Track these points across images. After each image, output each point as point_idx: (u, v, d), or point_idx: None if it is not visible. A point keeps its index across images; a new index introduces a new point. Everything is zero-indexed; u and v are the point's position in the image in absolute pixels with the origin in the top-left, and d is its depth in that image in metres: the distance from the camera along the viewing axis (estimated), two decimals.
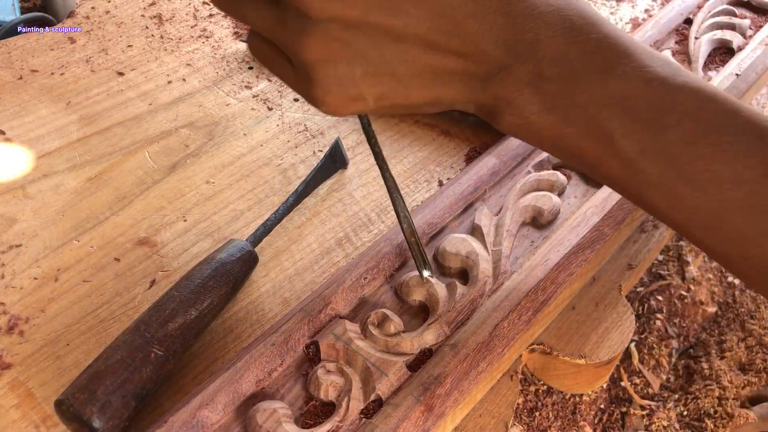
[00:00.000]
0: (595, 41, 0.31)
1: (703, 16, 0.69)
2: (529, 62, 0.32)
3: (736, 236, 0.32)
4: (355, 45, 0.32)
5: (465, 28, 0.31)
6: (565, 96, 0.32)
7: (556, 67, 0.31)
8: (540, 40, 0.31)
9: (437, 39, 0.32)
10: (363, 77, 0.32)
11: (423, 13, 0.31)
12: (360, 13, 0.31)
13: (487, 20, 0.31)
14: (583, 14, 0.32)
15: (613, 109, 0.31)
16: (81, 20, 0.68)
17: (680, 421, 1.02)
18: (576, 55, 0.31)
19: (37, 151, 0.55)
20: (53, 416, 0.39)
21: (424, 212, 0.47)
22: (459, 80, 0.33)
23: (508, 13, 0.31)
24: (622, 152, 0.32)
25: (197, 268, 0.42)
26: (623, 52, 0.31)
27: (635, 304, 1.14)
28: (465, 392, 0.38)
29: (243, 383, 0.38)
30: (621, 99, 0.31)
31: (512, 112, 0.33)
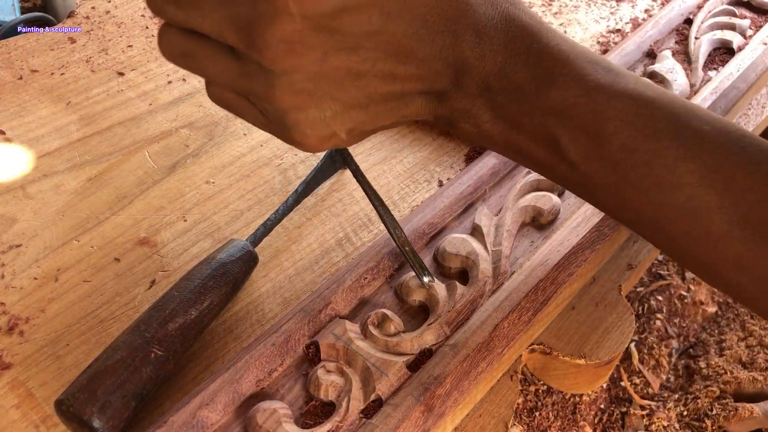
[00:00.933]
0: (536, 53, 0.32)
1: (703, 16, 0.69)
2: (476, 76, 0.33)
3: (681, 237, 0.33)
4: (320, 90, 0.32)
5: (418, 54, 0.33)
6: (512, 105, 0.33)
7: (500, 80, 0.33)
8: (485, 55, 0.33)
9: (394, 68, 0.33)
10: (333, 117, 0.33)
11: (379, 47, 0.32)
12: (319, 59, 0.31)
13: (437, 42, 0.33)
14: (525, 26, 0.33)
15: (556, 117, 0.32)
16: (81, 20, 0.68)
17: (680, 421, 1.02)
18: (517, 68, 0.32)
19: (37, 151, 0.55)
20: (53, 416, 0.39)
21: (424, 212, 0.47)
22: (418, 98, 0.35)
23: (455, 32, 0.32)
24: (568, 157, 0.33)
25: (197, 268, 0.42)
26: (563, 62, 0.32)
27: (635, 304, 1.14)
28: (465, 392, 0.38)
29: (243, 383, 0.38)
30: (563, 108, 0.32)
31: (467, 121, 0.35)
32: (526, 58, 0.32)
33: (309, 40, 0.30)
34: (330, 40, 0.31)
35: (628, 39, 0.65)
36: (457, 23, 0.33)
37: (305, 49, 0.30)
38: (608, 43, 0.69)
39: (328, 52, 0.31)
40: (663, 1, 0.75)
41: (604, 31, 0.71)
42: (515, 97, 0.33)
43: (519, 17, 0.33)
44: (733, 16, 0.68)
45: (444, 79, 0.34)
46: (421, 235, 0.46)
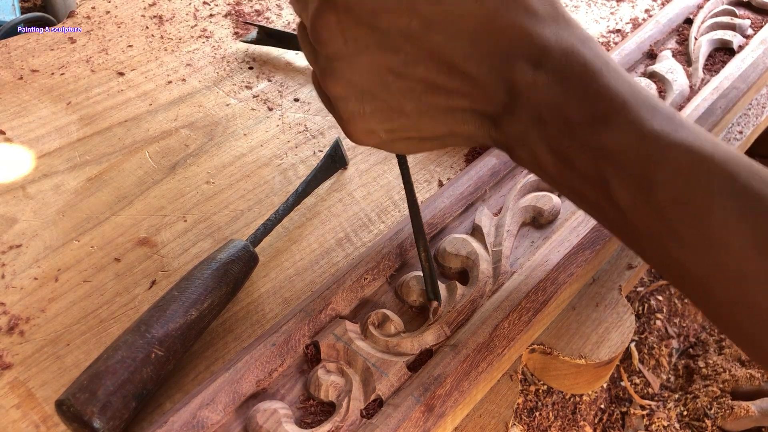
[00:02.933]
0: (594, 93, 0.31)
1: (703, 16, 0.69)
2: (528, 105, 0.32)
3: (726, 303, 0.31)
4: (361, 83, 0.34)
5: (464, 70, 0.32)
6: (564, 141, 0.32)
7: (553, 113, 0.32)
8: (537, 86, 0.32)
9: (437, 78, 0.32)
10: (372, 113, 0.34)
11: (420, 53, 0.32)
12: (359, 51, 0.32)
13: (485, 62, 0.32)
14: (586, 64, 0.32)
15: (608, 159, 0.31)
16: (81, 20, 0.68)
17: (680, 420, 1.02)
18: (572, 105, 0.31)
19: (38, 151, 0.55)
20: (53, 416, 0.39)
21: (424, 212, 0.47)
22: (471, 118, 0.34)
23: (507, 57, 0.32)
24: (617, 201, 0.32)
25: (197, 268, 0.42)
26: (620, 105, 0.31)
27: (635, 304, 1.15)
28: (465, 392, 0.38)
29: (243, 383, 0.38)
30: (615, 151, 0.31)
31: (523, 149, 0.34)
32: (582, 95, 0.31)
33: (351, 31, 0.32)
34: (371, 36, 0.32)
35: (628, 39, 0.65)
36: (509, 49, 0.32)
37: (347, 39, 0.32)
38: (608, 43, 0.69)
39: (369, 47, 0.32)
40: (663, 1, 0.75)
41: (604, 31, 0.71)
42: (568, 132, 0.32)
43: (582, 54, 0.32)
44: (734, 17, 0.68)
45: (495, 101, 0.33)
46: None
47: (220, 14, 0.71)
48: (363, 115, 0.35)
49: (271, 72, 0.64)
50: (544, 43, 0.32)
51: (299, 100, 0.61)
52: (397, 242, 0.45)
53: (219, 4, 0.72)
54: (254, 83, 0.63)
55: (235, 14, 0.71)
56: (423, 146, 0.37)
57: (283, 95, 0.62)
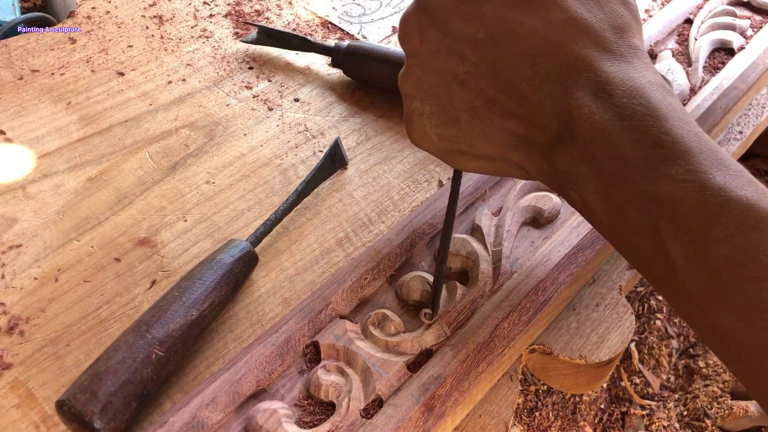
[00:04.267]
0: (654, 136, 0.29)
1: (703, 16, 0.69)
2: (581, 139, 0.31)
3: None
4: (427, 84, 0.35)
5: (522, 91, 0.31)
6: (616, 183, 0.30)
7: (606, 152, 0.30)
8: (595, 120, 0.30)
9: (496, 96, 0.32)
10: (429, 116, 0.35)
11: (483, 64, 0.32)
12: (430, 53, 0.34)
13: (543, 88, 0.31)
14: (653, 106, 0.30)
15: (662, 207, 0.29)
16: (81, 20, 0.68)
17: (680, 420, 1.02)
18: (629, 146, 0.30)
19: (38, 151, 0.55)
20: (54, 416, 0.39)
21: (424, 212, 0.47)
22: (522, 145, 0.33)
23: (566, 85, 0.30)
24: (668, 255, 0.29)
25: (197, 268, 0.42)
26: (681, 153, 0.29)
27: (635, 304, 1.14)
28: (465, 392, 0.38)
29: (243, 383, 0.38)
30: (670, 200, 0.29)
31: (572, 187, 0.32)
32: (642, 137, 0.29)
33: (427, 32, 0.33)
34: (443, 40, 0.33)
35: None
36: (570, 78, 0.30)
37: (423, 39, 0.33)
38: None
39: (440, 51, 0.33)
40: (663, 1, 0.75)
41: None
42: (621, 175, 0.30)
43: (648, 96, 0.30)
44: (734, 17, 0.68)
45: (548, 131, 0.32)
46: (421, 235, 0.46)
47: (220, 14, 0.71)
48: (422, 116, 0.35)
49: (271, 72, 0.64)
50: (608, 79, 0.30)
51: (299, 100, 0.61)
52: (397, 242, 0.45)
53: (219, 4, 0.72)
54: (254, 83, 0.63)
55: (235, 14, 0.71)
56: (473, 164, 0.36)
57: (283, 95, 0.62)
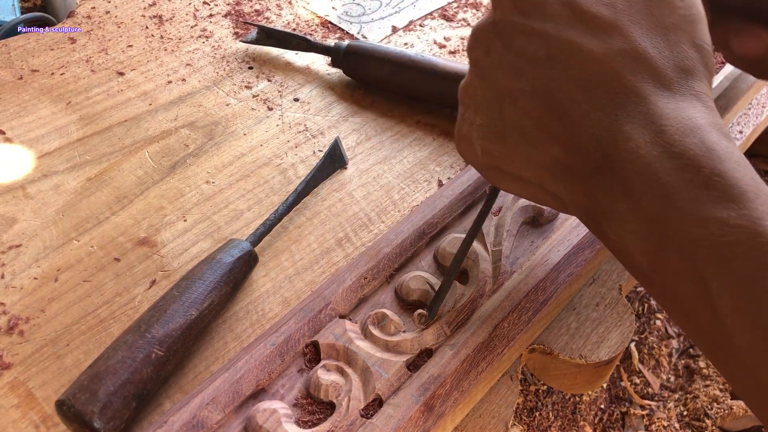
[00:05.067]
0: (707, 175, 0.27)
1: None
2: (622, 173, 0.29)
3: None
4: (483, 95, 0.35)
5: (571, 116, 0.31)
6: (659, 224, 0.28)
7: (650, 189, 0.28)
8: (641, 155, 0.29)
9: (544, 117, 0.32)
10: (479, 127, 0.35)
11: (537, 85, 0.32)
12: (492, 64, 0.34)
13: (592, 116, 0.30)
14: (706, 144, 0.28)
15: (711, 254, 0.27)
16: (81, 20, 0.68)
17: (680, 420, 1.02)
18: (676, 185, 0.28)
19: (37, 151, 0.55)
20: (53, 416, 0.39)
21: (424, 212, 0.47)
22: (562, 172, 0.32)
23: (617, 116, 0.29)
24: (714, 304, 0.27)
25: (197, 268, 0.42)
26: (736, 196, 0.27)
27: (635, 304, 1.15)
28: (465, 392, 0.38)
29: (243, 383, 0.38)
30: (720, 245, 0.27)
31: (609, 225, 0.30)
32: (691, 178, 0.28)
33: (492, 44, 0.33)
34: (505, 53, 0.33)
35: None
36: (621, 109, 0.29)
37: (488, 50, 0.34)
38: None
39: (501, 64, 0.33)
40: None
41: None
42: (666, 215, 0.28)
43: (705, 137, 0.28)
44: None
45: (590, 160, 0.30)
46: (421, 235, 0.46)
47: (220, 14, 0.71)
48: (472, 125, 0.35)
49: (271, 72, 0.64)
50: (661, 114, 0.29)
51: (299, 100, 0.61)
52: (397, 242, 0.45)
53: (219, 4, 0.72)
54: (254, 83, 0.63)
55: (235, 14, 0.71)
56: (510, 185, 0.36)
57: (283, 95, 0.62)
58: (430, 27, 0.71)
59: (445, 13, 0.73)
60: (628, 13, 0.30)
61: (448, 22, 0.72)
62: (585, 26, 0.30)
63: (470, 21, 0.72)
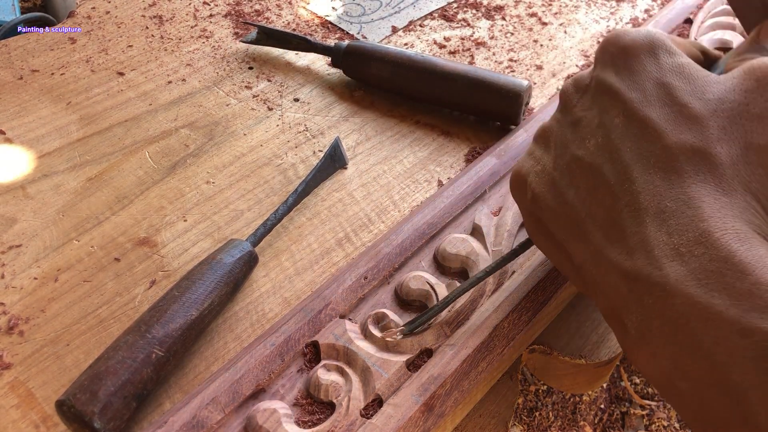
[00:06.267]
0: (751, 284, 0.26)
1: (703, 16, 0.69)
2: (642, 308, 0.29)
3: None
4: (553, 141, 0.36)
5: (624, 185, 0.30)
6: (695, 333, 0.27)
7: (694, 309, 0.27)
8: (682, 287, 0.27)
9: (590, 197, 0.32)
10: (537, 173, 0.36)
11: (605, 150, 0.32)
12: (574, 116, 0.35)
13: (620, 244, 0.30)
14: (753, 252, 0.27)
15: (752, 365, 0.25)
16: (81, 20, 0.68)
17: (680, 420, 1.02)
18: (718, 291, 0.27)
19: (37, 151, 0.55)
20: (53, 416, 0.39)
21: (424, 212, 0.47)
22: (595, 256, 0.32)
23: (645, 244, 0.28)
24: (753, 418, 0.25)
25: (197, 268, 0.42)
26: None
27: None
28: (465, 392, 0.38)
29: (243, 383, 0.38)
30: (763, 356, 0.25)
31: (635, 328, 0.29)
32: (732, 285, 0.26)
33: (587, 102, 0.34)
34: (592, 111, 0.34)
35: None
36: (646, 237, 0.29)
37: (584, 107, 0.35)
38: None
39: (584, 123, 0.34)
40: (663, 1, 0.75)
41: (604, 31, 0.71)
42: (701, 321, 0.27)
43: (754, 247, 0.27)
44: (734, 17, 0.68)
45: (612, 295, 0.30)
46: (421, 235, 0.46)
47: (220, 14, 0.71)
48: (530, 168, 0.37)
49: (271, 72, 0.64)
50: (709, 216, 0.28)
51: (299, 100, 0.61)
52: (397, 242, 0.45)
53: (219, 4, 0.72)
54: (254, 83, 0.63)
55: (235, 14, 0.71)
56: (542, 242, 0.37)
57: (283, 95, 0.62)
58: (430, 27, 0.71)
59: (445, 14, 0.73)
60: (720, 116, 0.29)
61: (448, 23, 0.72)
62: (670, 108, 0.30)
63: (470, 21, 0.72)
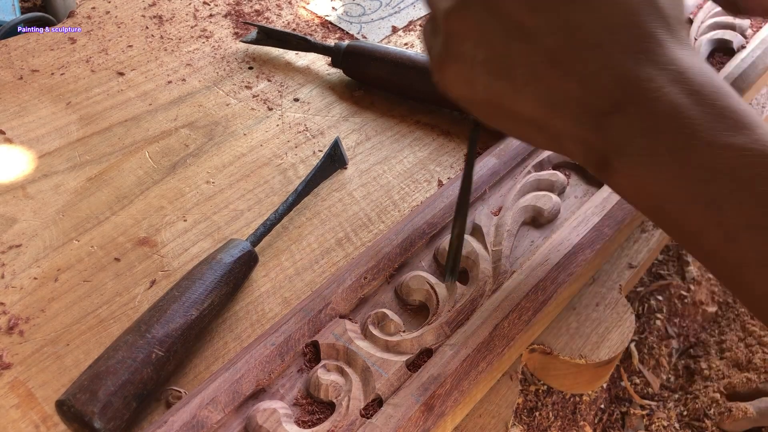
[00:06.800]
0: (721, 109, 0.30)
1: (703, 15, 0.69)
2: (645, 109, 0.31)
3: None
4: (487, 29, 0.33)
5: (590, 55, 0.31)
6: (678, 155, 0.30)
7: (673, 122, 0.30)
8: (664, 93, 0.31)
9: (561, 56, 0.32)
10: (482, 63, 0.34)
11: (555, 23, 0.32)
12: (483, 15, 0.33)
13: (614, 56, 0.31)
14: (716, 83, 0.31)
15: (726, 177, 0.29)
16: (81, 20, 0.68)
17: (680, 420, 1.02)
18: (697, 116, 0.30)
19: (37, 151, 0.55)
20: (53, 416, 0.39)
21: (424, 212, 0.47)
22: (574, 109, 0.33)
23: (638, 59, 0.31)
24: (726, 223, 0.29)
25: (197, 268, 0.42)
26: (747, 124, 0.30)
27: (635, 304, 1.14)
28: (465, 392, 0.38)
29: (243, 383, 0.38)
30: (736, 167, 0.29)
31: (621, 161, 0.32)
32: (709, 109, 0.30)
33: None
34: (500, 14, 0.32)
35: None
36: (642, 52, 0.31)
37: None
38: None
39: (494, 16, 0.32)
40: None
41: None
42: (684, 146, 0.30)
43: (713, 77, 0.31)
44: (733, 16, 0.68)
45: (608, 98, 0.32)
46: (421, 235, 0.46)
47: (220, 14, 0.71)
48: (472, 61, 0.34)
49: (271, 72, 0.64)
50: (677, 58, 0.31)
51: (299, 100, 0.61)
52: (397, 242, 0.45)
53: (219, 4, 0.72)
54: (254, 83, 0.63)
55: (235, 14, 0.71)
56: (505, 123, 0.36)
57: (283, 95, 0.62)
58: None
59: None
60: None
61: None
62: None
63: None
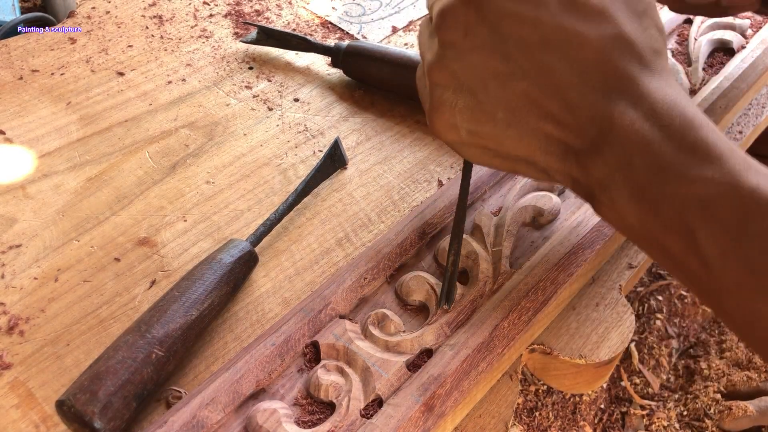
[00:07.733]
0: (691, 142, 0.31)
1: None
2: (618, 145, 0.32)
3: None
4: (464, 77, 0.35)
5: (566, 96, 0.33)
6: (652, 187, 0.32)
7: (645, 156, 0.31)
8: (635, 129, 0.32)
9: (538, 97, 0.33)
10: (462, 109, 0.35)
11: (528, 67, 0.33)
12: (473, 47, 0.34)
13: (588, 96, 0.32)
14: (687, 115, 0.32)
15: (697, 207, 0.31)
16: (81, 20, 0.68)
17: (680, 420, 1.02)
18: (668, 150, 0.31)
19: (37, 151, 0.55)
20: (53, 416, 0.39)
21: (424, 212, 0.47)
22: (556, 148, 0.34)
23: (611, 97, 0.32)
24: (702, 252, 0.31)
25: (197, 268, 0.42)
26: (717, 156, 0.31)
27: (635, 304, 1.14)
28: (465, 392, 0.38)
29: (243, 383, 0.38)
30: (706, 200, 0.30)
31: (605, 195, 0.33)
32: (680, 143, 0.31)
33: (473, 27, 0.33)
34: (490, 37, 0.33)
35: None
36: (615, 89, 0.32)
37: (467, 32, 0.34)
38: None
39: (484, 47, 0.33)
40: None
41: None
42: (657, 178, 0.31)
43: (684, 108, 0.32)
44: (733, 16, 0.68)
45: (585, 137, 0.33)
46: (421, 235, 0.46)
47: (220, 14, 0.71)
48: (453, 108, 0.36)
49: (271, 72, 0.64)
50: (649, 92, 0.32)
51: (299, 100, 0.61)
52: (397, 242, 0.45)
53: (219, 4, 0.72)
54: (254, 83, 0.63)
55: (235, 14, 0.71)
56: (494, 162, 0.37)
57: (283, 95, 0.62)
58: None
59: None
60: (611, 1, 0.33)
61: None
62: (578, 13, 0.32)
63: None
